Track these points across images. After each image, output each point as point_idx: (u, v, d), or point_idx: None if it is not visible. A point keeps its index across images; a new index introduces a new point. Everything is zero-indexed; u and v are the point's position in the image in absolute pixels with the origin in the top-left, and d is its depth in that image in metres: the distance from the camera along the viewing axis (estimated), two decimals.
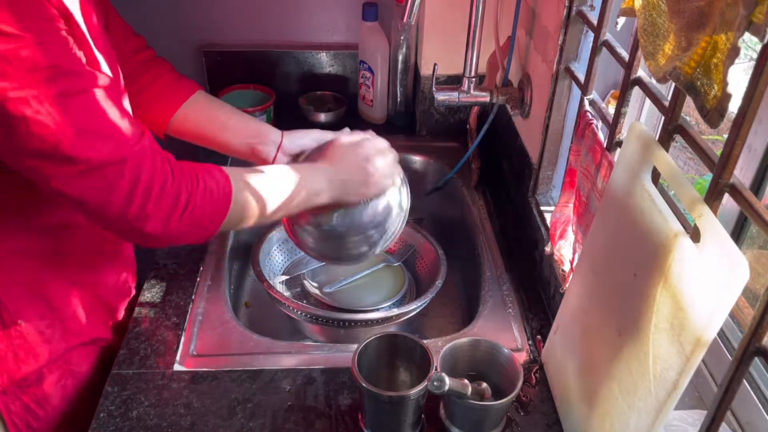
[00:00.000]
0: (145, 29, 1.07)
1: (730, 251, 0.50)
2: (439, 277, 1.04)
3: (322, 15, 1.49)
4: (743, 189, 0.53)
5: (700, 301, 0.53)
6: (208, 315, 0.96)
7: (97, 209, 0.70)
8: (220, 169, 0.80)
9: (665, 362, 0.57)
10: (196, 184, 0.76)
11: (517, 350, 0.92)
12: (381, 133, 1.50)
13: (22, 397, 0.84)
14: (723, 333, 0.75)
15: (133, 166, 0.70)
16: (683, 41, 0.53)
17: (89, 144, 0.67)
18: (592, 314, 0.74)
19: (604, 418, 0.69)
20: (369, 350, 0.80)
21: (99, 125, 0.68)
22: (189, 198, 0.75)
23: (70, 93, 0.65)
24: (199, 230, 0.78)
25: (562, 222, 0.91)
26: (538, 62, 1.05)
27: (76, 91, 0.66)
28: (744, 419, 0.70)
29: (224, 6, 1.46)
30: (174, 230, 0.75)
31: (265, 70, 1.51)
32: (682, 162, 1.53)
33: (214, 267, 1.05)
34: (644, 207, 0.63)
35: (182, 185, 0.75)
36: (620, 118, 0.76)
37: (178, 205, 0.74)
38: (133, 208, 0.71)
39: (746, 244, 0.81)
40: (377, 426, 0.79)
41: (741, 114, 0.50)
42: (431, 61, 1.32)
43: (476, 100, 1.15)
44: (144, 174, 0.71)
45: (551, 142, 1.01)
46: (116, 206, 0.70)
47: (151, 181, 0.72)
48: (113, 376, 0.85)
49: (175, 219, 0.74)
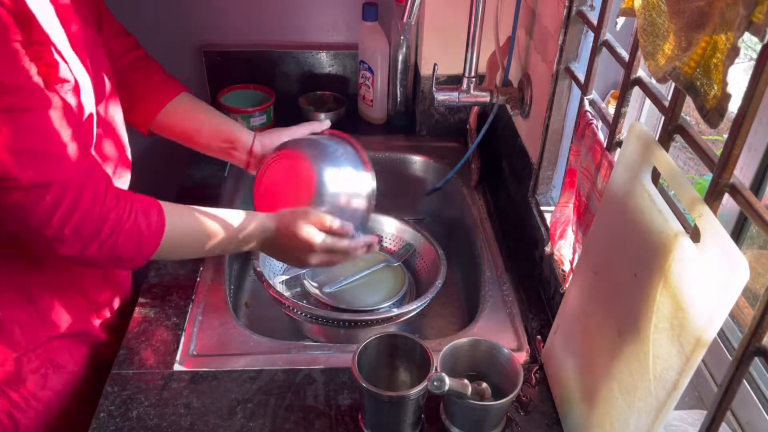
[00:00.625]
0: (146, 29, 1.08)
1: (730, 251, 0.50)
2: (439, 277, 1.04)
3: (322, 15, 1.49)
4: (743, 189, 0.53)
5: (700, 301, 0.53)
6: (208, 315, 0.96)
7: (15, 224, 0.72)
8: (159, 208, 0.81)
9: (665, 362, 0.57)
10: (127, 215, 0.77)
11: (517, 350, 0.92)
12: (381, 133, 1.51)
13: (4, 389, 0.84)
14: (723, 333, 0.75)
15: (58, 189, 0.70)
16: (683, 41, 0.53)
17: (20, 163, 0.67)
18: (592, 314, 0.74)
19: (604, 418, 0.69)
20: (369, 350, 0.80)
21: (34, 146, 0.68)
22: (113, 231, 0.75)
23: (7, 110, 0.65)
24: (119, 263, 0.80)
25: (562, 222, 0.91)
26: (538, 62, 1.05)
27: (15, 109, 0.65)
28: (744, 419, 0.70)
29: (224, 6, 1.46)
30: (91, 257, 0.76)
31: (265, 70, 1.51)
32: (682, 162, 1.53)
33: (214, 267, 1.05)
34: (644, 207, 0.63)
35: (110, 215, 0.75)
36: (620, 118, 0.76)
37: (101, 234, 0.75)
38: (50, 231, 0.72)
39: (746, 244, 0.81)
40: (377, 426, 0.79)
41: (741, 114, 0.50)
42: (431, 61, 1.32)
43: (476, 100, 1.15)
44: (67, 198, 0.71)
45: (551, 142, 1.01)
46: (33, 224, 0.71)
47: (74, 206, 0.72)
48: (113, 376, 0.85)
49: (94, 248, 0.75)
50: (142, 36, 1.05)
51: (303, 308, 0.99)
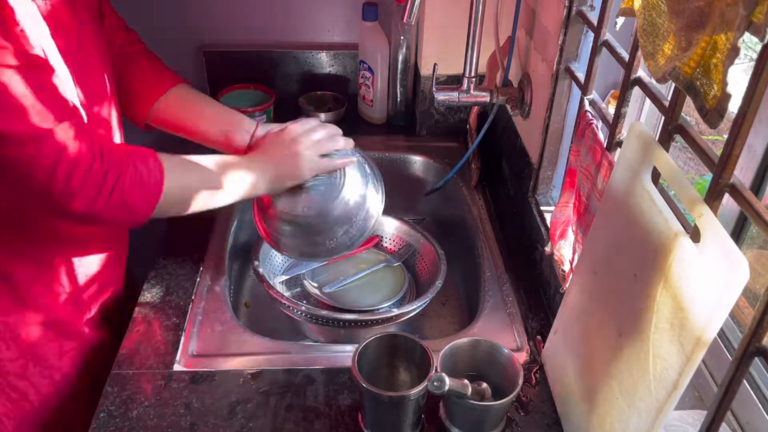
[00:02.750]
0: (146, 29, 1.08)
1: (730, 251, 0.50)
2: (439, 278, 1.04)
3: (322, 15, 1.49)
4: (743, 189, 0.53)
5: (700, 301, 0.53)
6: (208, 315, 0.96)
7: (20, 182, 0.72)
8: (154, 155, 0.81)
9: (665, 362, 0.57)
10: (126, 165, 0.77)
11: (517, 350, 0.92)
12: (381, 133, 1.51)
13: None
14: (723, 333, 0.75)
15: (54, 142, 0.71)
16: (683, 41, 0.53)
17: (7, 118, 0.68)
18: (592, 314, 0.74)
19: (604, 418, 0.69)
20: (369, 350, 0.80)
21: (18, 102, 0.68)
22: (117, 179, 0.76)
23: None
24: (129, 213, 0.79)
25: (562, 222, 0.91)
26: (538, 62, 1.05)
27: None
28: (744, 419, 0.70)
29: (224, 6, 1.46)
30: (101, 210, 0.76)
31: (265, 70, 1.51)
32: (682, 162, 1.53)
33: (214, 267, 1.05)
34: (644, 207, 0.63)
35: (111, 166, 0.76)
36: (620, 118, 0.76)
37: (106, 184, 0.75)
38: (57, 184, 0.72)
39: (746, 244, 0.81)
40: (377, 426, 0.79)
41: (741, 114, 0.50)
42: (431, 61, 1.32)
43: (476, 100, 1.15)
44: (67, 151, 0.72)
45: (551, 142, 1.01)
46: (38, 180, 0.71)
47: (77, 160, 0.73)
48: (113, 376, 0.85)
49: (103, 199, 0.75)
50: (142, 36, 1.05)
51: (303, 308, 0.99)
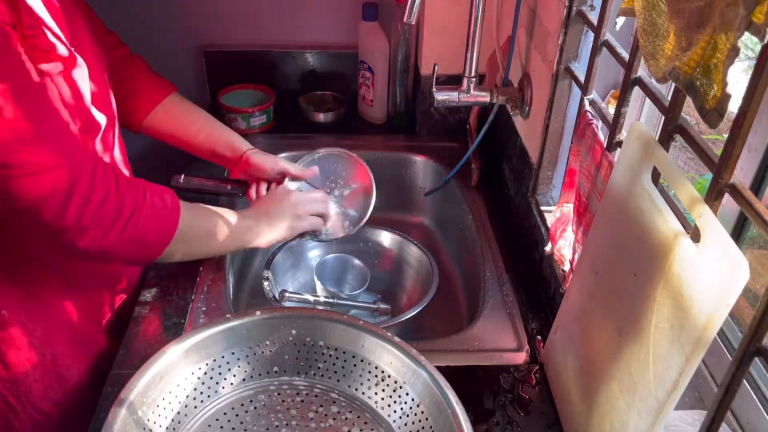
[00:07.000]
0: (146, 29, 1.08)
1: (730, 251, 0.49)
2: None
3: (322, 15, 1.49)
4: (743, 189, 0.53)
5: (700, 301, 0.53)
6: (208, 315, 0.96)
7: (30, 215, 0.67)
8: (170, 192, 0.80)
9: (665, 362, 0.57)
10: (143, 197, 0.74)
11: (517, 350, 0.92)
12: (381, 133, 1.51)
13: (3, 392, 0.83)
14: (723, 333, 0.75)
15: (68, 173, 0.67)
16: (683, 41, 0.53)
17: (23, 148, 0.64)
18: (592, 314, 0.74)
19: (604, 418, 0.69)
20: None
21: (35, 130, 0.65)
22: (134, 210, 0.72)
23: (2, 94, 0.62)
24: (142, 248, 0.76)
25: (562, 222, 0.91)
26: (538, 62, 1.05)
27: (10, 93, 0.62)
28: (744, 419, 0.70)
29: (224, 6, 1.46)
30: (112, 245, 0.72)
31: (265, 70, 1.51)
32: (682, 162, 1.53)
33: (214, 267, 1.05)
34: (644, 207, 0.63)
35: (127, 197, 0.72)
36: (620, 118, 0.76)
37: (121, 216, 0.71)
38: (69, 219, 0.68)
39: (746, 244, 0.81)
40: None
41: (741, 114, 0.50)
42: (431, 61, 1.32)
43: (476, 100, 1.15)
44: (81, 183, 0.68)
45: (551, 142, 1.01)
46: (50, 214, 0.67)
47: (90, 192, 0.69)
48: (113, 376, 0.85)
49: (116, 232, 0.71)
50: (142, 36, 1.05)
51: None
